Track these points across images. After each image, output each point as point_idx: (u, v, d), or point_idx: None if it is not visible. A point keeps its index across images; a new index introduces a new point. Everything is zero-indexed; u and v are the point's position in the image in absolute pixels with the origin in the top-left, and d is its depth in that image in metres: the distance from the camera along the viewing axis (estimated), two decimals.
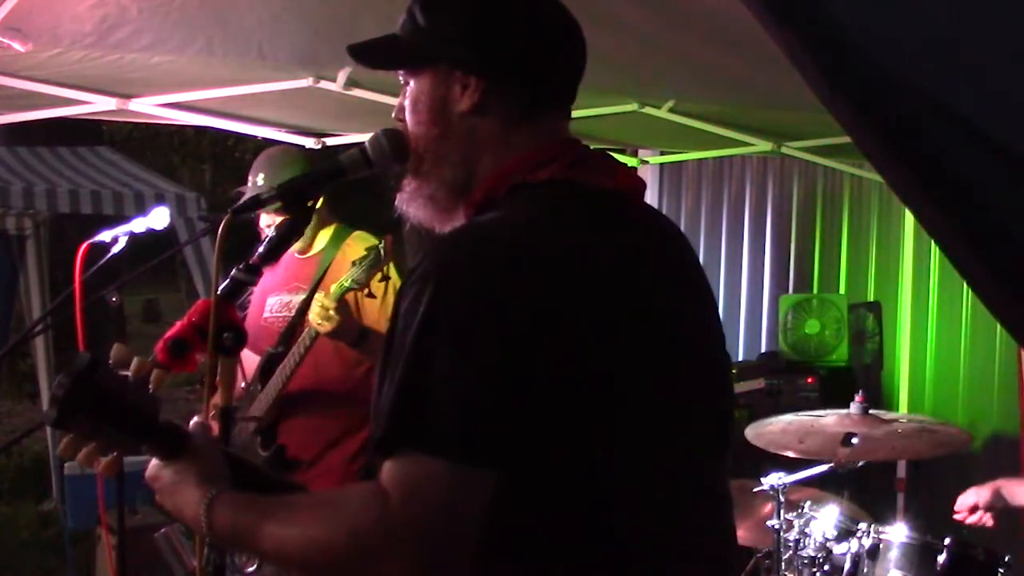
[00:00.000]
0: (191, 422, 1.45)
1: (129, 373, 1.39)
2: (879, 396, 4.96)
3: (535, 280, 1.28)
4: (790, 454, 3.07)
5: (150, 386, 1.41)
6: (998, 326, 1.08)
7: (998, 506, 3.05)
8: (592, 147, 1.55)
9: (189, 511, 1.37)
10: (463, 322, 1.25)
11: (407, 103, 1.50)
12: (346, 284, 2.84)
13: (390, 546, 1.21)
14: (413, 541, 1.21)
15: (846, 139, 1.21)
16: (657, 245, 1.50)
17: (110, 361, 1.39)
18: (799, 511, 2.98)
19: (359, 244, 3.14)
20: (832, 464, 3.04)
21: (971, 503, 3.07)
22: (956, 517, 3.09)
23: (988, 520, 3.05)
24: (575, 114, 1.55)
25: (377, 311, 3.06)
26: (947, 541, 2.79)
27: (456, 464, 1.21)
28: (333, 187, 1.59)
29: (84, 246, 2.90)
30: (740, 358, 5.80)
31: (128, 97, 4.11)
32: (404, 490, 1.21)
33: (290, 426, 3.20)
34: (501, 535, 1.26)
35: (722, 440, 1.50)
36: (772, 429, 3.25)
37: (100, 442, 1.39)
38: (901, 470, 4.62)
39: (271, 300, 3.31)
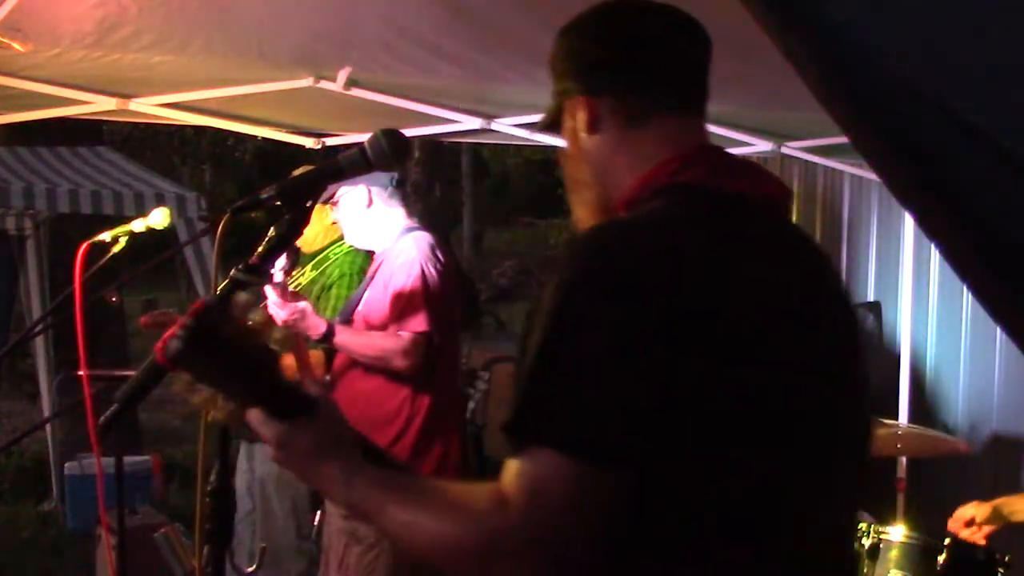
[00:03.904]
0: (309, 383, 1.42)
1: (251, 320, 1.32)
2: (878, 396, 4.96)
3: (668, 281, 1.27)
4: None
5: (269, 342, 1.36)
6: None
7: (997, 524, 3.04)
8: None
9: (325, 480, 1.37)
10: (592, 321, 1.24)
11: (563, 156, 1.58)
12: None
13: (513, 550, 1.22)
14: (536, 545, 1.22)
15: (846, 139, 1.22)
16: (795, 257, 1.47)
17: (233, 306, 1.33)
18: None
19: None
20: None
21: (968, 517, 3.06)
22: (950, 527, 3.07)
23: (981, 538, 3.04)
24: None
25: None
26: (947, 541, 2.79)
27: (583, 462, 1.21)
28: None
29: (84, 246, 2.90)
30: None
31: (128, 97, 4.11)
32: (530, 490, 1.22)
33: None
34: (625, 537, 1.26)
35: (857, 464, 1.47)
36: None
37: (215, 389, 1.33)
38: (901, 470, 4.62)
39: None
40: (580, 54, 1.53)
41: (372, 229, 3.44)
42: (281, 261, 3.21)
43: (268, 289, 3.23)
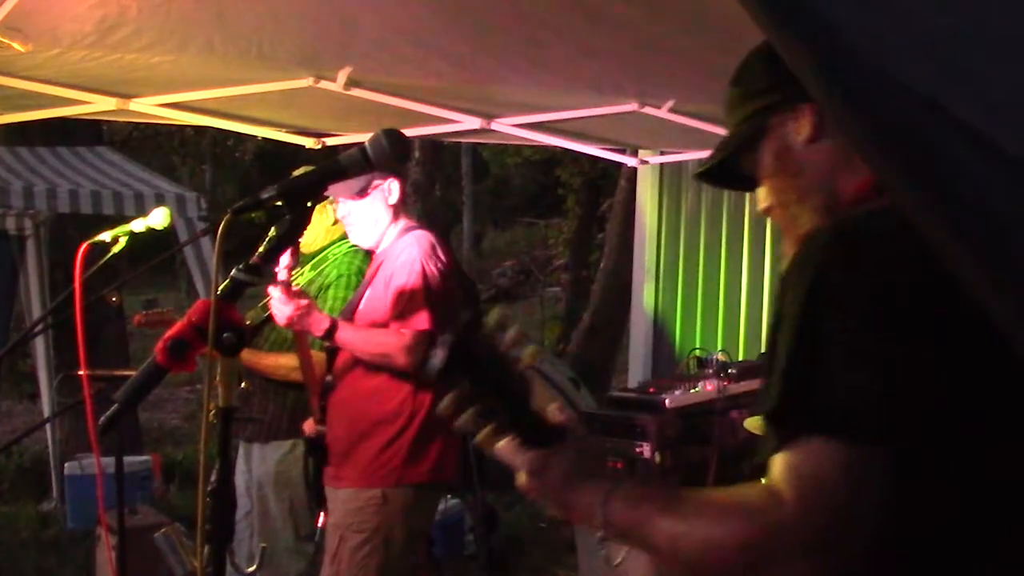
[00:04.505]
0: (559, 412, 1.39)
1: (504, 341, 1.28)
2: None
3: (915, 268, 1.25)
4: None
5: (522, 361, 1.31)
6: None
7: None
8: (592, 147, 1.55)
9: (582, 505, 1.36)
10: (848, 308, 1.24)
11: (763, 180, 1.54)
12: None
13: (797, 544, 1.20)
14: (819, 535, 1.20)
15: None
16: None
17: (489, 323, 1.29)
18: None
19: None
20: None
21: None
22: None
23: None
24: (573, 114, 1.55)
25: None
26: None
27: (857, 447, 1.20)
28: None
29: (84, 246, 2.90)
30: (740, 358, 5.81)
31: (128, 97, 4.11)
32: (806, 480, 1.20)
33: (330, 415, 3.42)
34: (885, 525, 1.23)
35: None
36: None
37: (475, 409, 1.30)
38: None
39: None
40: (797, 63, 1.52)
41: (380, 227, 3.43)
42: (285, 259, 3.20)
43: (271, 287, 3.23)
